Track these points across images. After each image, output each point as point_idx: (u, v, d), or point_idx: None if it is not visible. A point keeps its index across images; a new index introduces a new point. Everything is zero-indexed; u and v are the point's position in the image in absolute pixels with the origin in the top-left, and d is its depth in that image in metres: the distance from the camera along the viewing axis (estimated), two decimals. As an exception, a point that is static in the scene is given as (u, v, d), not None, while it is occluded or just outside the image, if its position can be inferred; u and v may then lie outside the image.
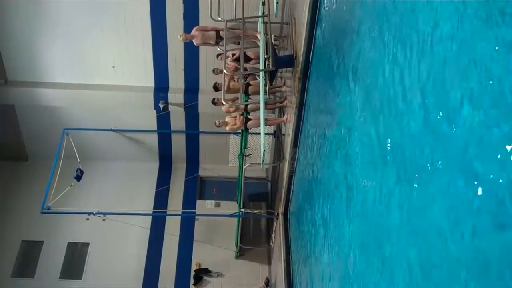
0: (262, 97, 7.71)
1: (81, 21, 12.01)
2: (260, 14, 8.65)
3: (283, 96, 9.72)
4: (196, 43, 9.43)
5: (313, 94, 7.32)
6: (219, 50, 9.47)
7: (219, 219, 12.74)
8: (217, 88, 9.48)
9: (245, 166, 10.33)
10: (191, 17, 11.65)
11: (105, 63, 12.71)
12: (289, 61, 8.30)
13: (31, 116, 13.58)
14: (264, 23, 8.48)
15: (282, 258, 9.81)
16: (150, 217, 13.15)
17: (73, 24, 12.05)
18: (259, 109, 7.95)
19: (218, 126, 9.56)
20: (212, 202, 13.85)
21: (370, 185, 4.34)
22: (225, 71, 8.36)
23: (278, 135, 11.14)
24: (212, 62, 11.17)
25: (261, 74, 7.84)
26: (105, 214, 11.30)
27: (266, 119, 8.46)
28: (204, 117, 13.40)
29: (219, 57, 9.38)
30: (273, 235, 11.88)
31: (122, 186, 14.02)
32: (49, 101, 13.06)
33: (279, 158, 10.43)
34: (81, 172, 12.19)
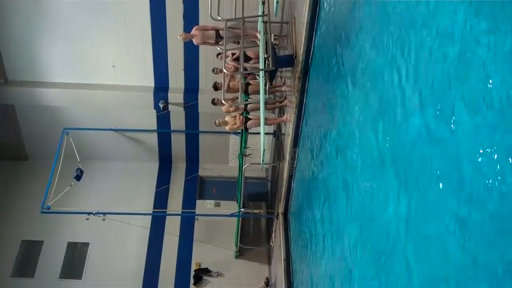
0: (262, 97, 7.70)
1: (81, 21, 12.01)
2: (260, 14, 8.64)
3: (283, 96, 9.71)
4: (196, 43, 9.42)
5: (313, 94, 7.32)
6: (219, 50, 9.46)
7: (219, 219, 12.74)
8: (217, 88, 9.47)
9: (245, 166, 10.32)
10: (191, 17, 11.65)
11: (105, 63, 12.71)
12: (289, 61, 8.29)
13: (31, 116, 13.58)
14: (264, 23, 8.47)
15: (282, 258, 9.81)
16: (150, 217, 13.14)
17: (73, 24, 12.06)
18: (259, 109, 7.95)
19: (218, 126, 9.55)
20: (212, 202, 13.85)
21: (370, 185, 4.34)
22: (225, 71, 8.35)
23: (278, 135, 11.14)
24: (212, 62, 11.16)
25: (261, 74, 7.83)
26: (105, 214, 11.29)
27: (266, 119, 8.45)
28: (204, 117, 13.40)
29: (219, 57, 9.37)
30: (273, 235, 11.88)
31: (122, 186, 14.01)
32: (49, 101, 13.06)
33: (279, 158, 10.42)
34: (81, 172, 12.19)
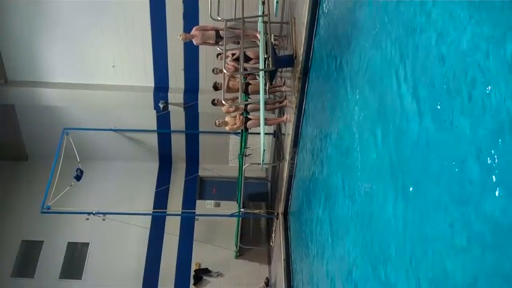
0: (262, 97, 7.70)
1: (81, 21, 12.02)
2: (260, 14, 8.64)
3: (283, 96, 9.72)
4: (196, 43, 9.43)
5: (313, 94, 7.32)
6: (219, 50, 9.46)
7: (219, 219, 12.74)
8: (217, 88, 9.48)
9: (245, 166, 10.32)
10: (191, 17, 11.66)
11: (105, 63, 12.72)
12: (289, 61, 8.30)
13: (31, 116, 13.59)
14: (264, 23, 8.47)
15: (282, 258, 9.81)
16: (150, 217, 13.15)
17: (73, 24, 12.06)
18: (259, 109, 7.95)
19: (218, 126, 9.55)
20: (212, 202, 13.86)
21: (370, 186, 4.34)
22: (225, 71, 8.35)
23: (278, 135, 11.14)
24: (212, 62, 11.17)
25: (261, 74, 7.84)
26: (105, 214, 11.30)
27: (266, 119, 8.45)
28: (204, 117, 13.40)
29: (219, 57, 9.37)
30: (273, 235, 11.88)
31: (122, 186, 14.02)
32: (49, 101, 13.06)
33: (279, 158, 10.42)
34: (81, 172, 12.19)
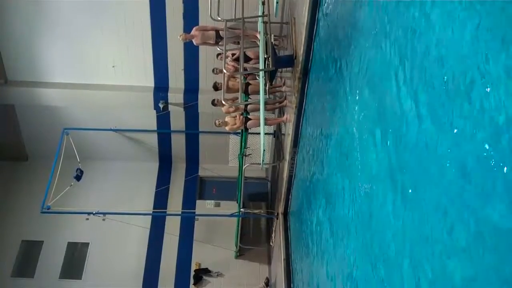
0: (262, 97, 7.70)
1: (81, 21, 12.01)
2: (260, 14, 8.65)
3: (283, 96, 9.72)
4: (196, 43, 9.43)
5: (313, 94, 7.33)
6: (219, 50, 9.46)
7: (219, 219, 12.74)
8: (217, 88, 9.47)
9: (245, 166, 10.32)
10: (191, 17, 11.66)
11: (105, 63, 12.72)
12: (289, 61, 8.30)
13: (31, 116, 13.59)
14: (264, 23, 8.47)
15: (282, 258, 9.82)
16: (150, 217, 13.15)
17: (73, 24, 12.06)
18: (259, 109, 7.95)
19: (218, 126, 9.56)
20: (212, 202, 13.86)
21: (370, 186, 4.34)
22: (225, 71, 8.36)
23: (278, 135, 11.14)
24: (212, 62, 11.17)
25: (261, 74, 7.84)
26: (105, 214, 11.30)
27: (266, 119, 8.45)
28: (204, 117, 13.41)
29: (219, 57, 9.37)
30: (273, 235, 11.88)
31: (122, 186, 14.02)
32: (49, 101, 13.06)
33: (279, 158, 10.43)
34: (81, 172, 12.19)
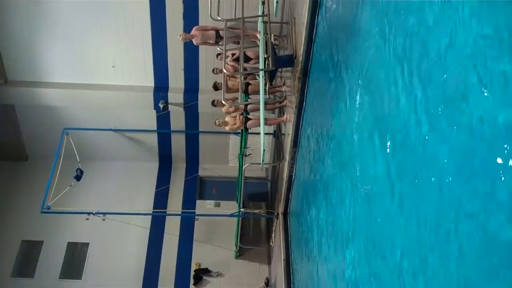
0: (262, 97, 7.70)
1: (81, 21, 12.01)
2: (260, 14, 8.65)
3: (283, 96, 9.72)
4: (196, 43, 9.43)
5: (313, 94, 7.32)
6: (219, 50, 9.46)
7: (219, 219, 12.74)
8: (217, 87, 9.47)
9: (245, 166, 10.32)
10: (191, 17, 11.65)
11: (105, 63, 12.71)
12: (289, 61, 8.30)
13: (31, 116, 13.58)
14: (264, 23, 8.47)
15: (282, 258, 9.81)
16: (150, 217, 13.14)
17: (73, 24, 12.06)
18: (259, 109, 7.95)
19: (218, 126, 9.55)
20: (212, 202, 13.86)
21: (370, 186, 4.34)
22: (225, 71, 8.36)
23: (278, 135, 11.14)
24: (212, 62, 11.17)
25: (261, 74, 7.83)
26: (105, 214, 11.30)
27: (266, 119, 8.45)
28: (204, 117, 13.40)
29: (219, 57, 9.37)
30: (273, 235, 11.88)
31: (122, 186, 14.02)
32: (49, 101, 13.06)
33: (279, 158, 10.43)
34: (81, 172, 12.19)
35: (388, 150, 3.86)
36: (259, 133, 8.26)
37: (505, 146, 2.28)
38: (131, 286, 12.57)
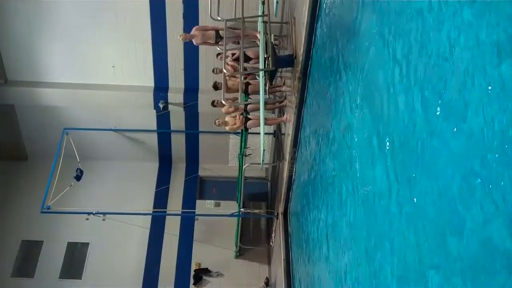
0: (262, 97, 7.70)
1: (81, 21, 12.01)
2: (260, 14, 8.65)
3: (283, 96, 9.72)
4: (196, 43, 9.43)
5: (313, 94, 7.32)
6: (219, 50, 9.46)
7: (219, 219, 12.73)
8: (217, 87, 9.47)
9: (245, 166, 10.32)
10: (191, 17, 11.65)
11: (105, 63, 12.71)
12: (289, 61, 8.30)
13: (31, 116, 13.58)
14: (264, 23, 8.47)
15: (282, 258, 9.82)
16: (150, 217, 13.13)
17: (73, 24, 12.05)
18: (259, 109, 7.95)
19: (218, 126, 9.56)
20: (212, 202, 13.86)
21: (369, 186, 4.34)
22: (225, 71, 8.36)
23: (278, 135, 11.14)
24: (212, 62, 11.17)
25: (261, 74, 7.83)
26: (105, 214, 11.29)
27: (266, 119, 8.45)
28: (204, 117, 13.40)
29: (219, 57, 9.37)
30: (273, 235, 11.88)
31: (122, 186, 14.01)
32: (49, 101, 13.05)
33: (279, 158, 10.43)
34: (81, 172, 12.19)
35: (388, 150, 3.86)
36: (259, 133, 8.26)
37: (506, 147, 2.28)
38: (131, 286, 12.57)
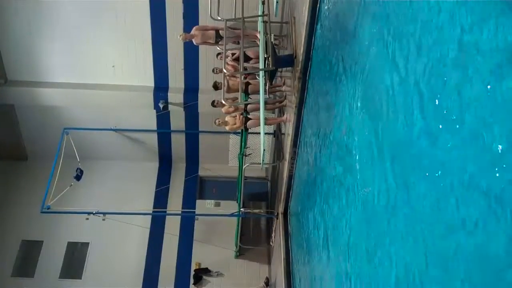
0: (262, 97, 7.70)
1: (81, 21, 12.01)
2: (260, 14, 8.65)
3: (283, 96, 9.72)
4: (196, 43, 9.42)
5: (313, 94, 7.32)
6: (219, 50, 9.46)
7: (219, 219, 12.73)
8: (217, 87, 9.47)
9: (245, 166, 10.32)
10: (191, 17, 11.65)
11: (105, 63, 12.71)
12: (289, 61, 8.30)
13: (31, 116, 13.58)
14: (264, 23, 8.47)
15: (282, 258, 9.81)
16: (150, 217, 13.14)
17: (73, 24, 12.05)
18: (259, 109, 7.95)
19: (218, 126, 9.56)
20: (212, 202, 13.86)
21: (369, 186, 4.34)
22: (225, 71, 8.35)
23: (278, 135, 11.14)
24: (212, 62, 11.17)
25: (261, 74, 7.83)
26: (105, 214, 11.29)
27: (266, 119, 8.45)
28: (204, 117, 13.40)
29: (219, 57, 9.37)
30: (273, 235, 11.88)
31: (122, 186, 14.01)
32: (49, 101, 13.05)
33: (279, 158, 10.43)
34: (81, 172, 12.19)
35: (389, 149, 3.86)
36: (259, 133, 8.26)
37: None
38: (131, 286, 12.57)
